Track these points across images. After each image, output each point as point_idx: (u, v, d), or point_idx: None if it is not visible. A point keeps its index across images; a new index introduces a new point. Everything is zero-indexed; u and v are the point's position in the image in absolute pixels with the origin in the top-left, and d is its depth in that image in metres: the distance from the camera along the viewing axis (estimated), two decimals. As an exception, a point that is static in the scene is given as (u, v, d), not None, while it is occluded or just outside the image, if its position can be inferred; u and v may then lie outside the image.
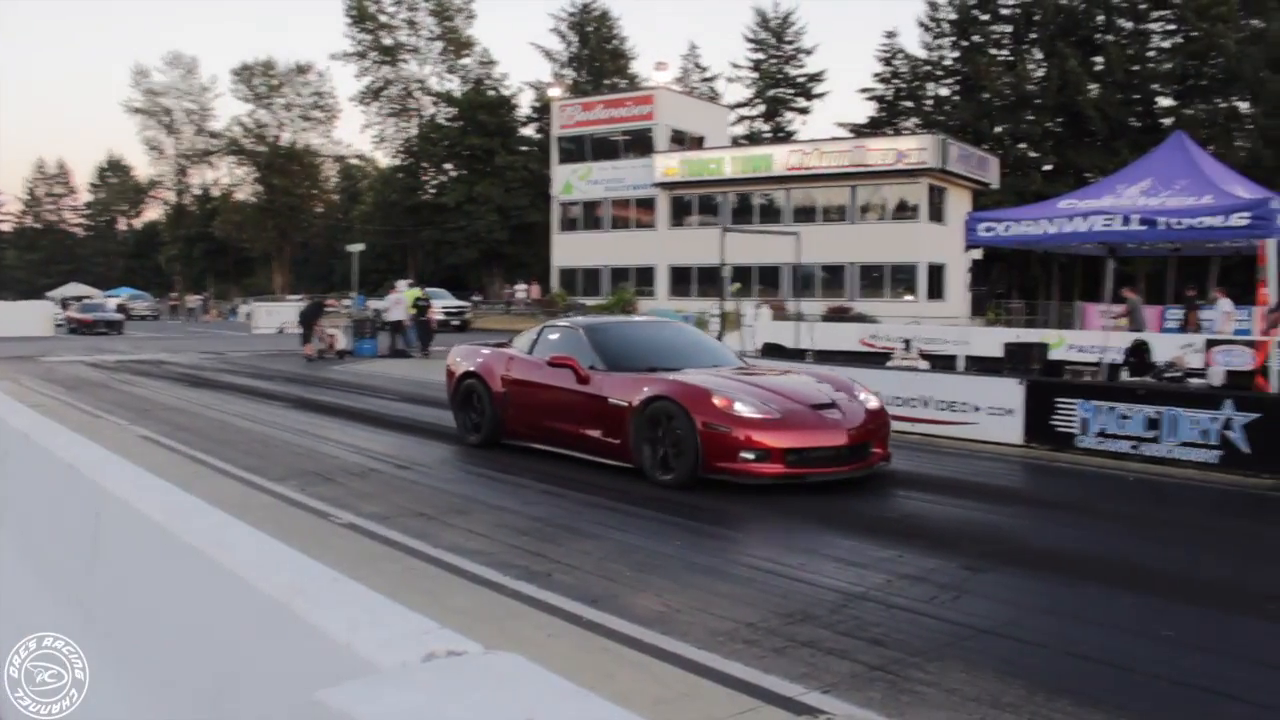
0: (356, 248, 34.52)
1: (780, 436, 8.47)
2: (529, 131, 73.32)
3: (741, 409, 8.56)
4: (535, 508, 8.09)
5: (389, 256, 75.33)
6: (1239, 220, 9.96)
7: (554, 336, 10.66)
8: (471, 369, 11.23)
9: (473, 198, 66.25)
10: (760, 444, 8.41)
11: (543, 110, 67.62)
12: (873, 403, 9.46)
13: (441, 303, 42.14)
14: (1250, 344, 15.17)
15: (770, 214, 46.42)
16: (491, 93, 72.29)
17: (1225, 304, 24.59)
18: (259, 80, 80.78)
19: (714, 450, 8.45)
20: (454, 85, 76.30)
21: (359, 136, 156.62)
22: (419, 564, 6.32)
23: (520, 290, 56.20)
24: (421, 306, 25.71)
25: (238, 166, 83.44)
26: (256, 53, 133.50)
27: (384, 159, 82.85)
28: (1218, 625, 5.39)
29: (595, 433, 9.54)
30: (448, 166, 71.95)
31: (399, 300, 26.78)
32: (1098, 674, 4.61)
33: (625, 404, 9.18)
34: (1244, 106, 56.49)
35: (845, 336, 24.22)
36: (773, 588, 5.92)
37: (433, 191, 72.21)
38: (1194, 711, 4.17)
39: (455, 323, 43.27)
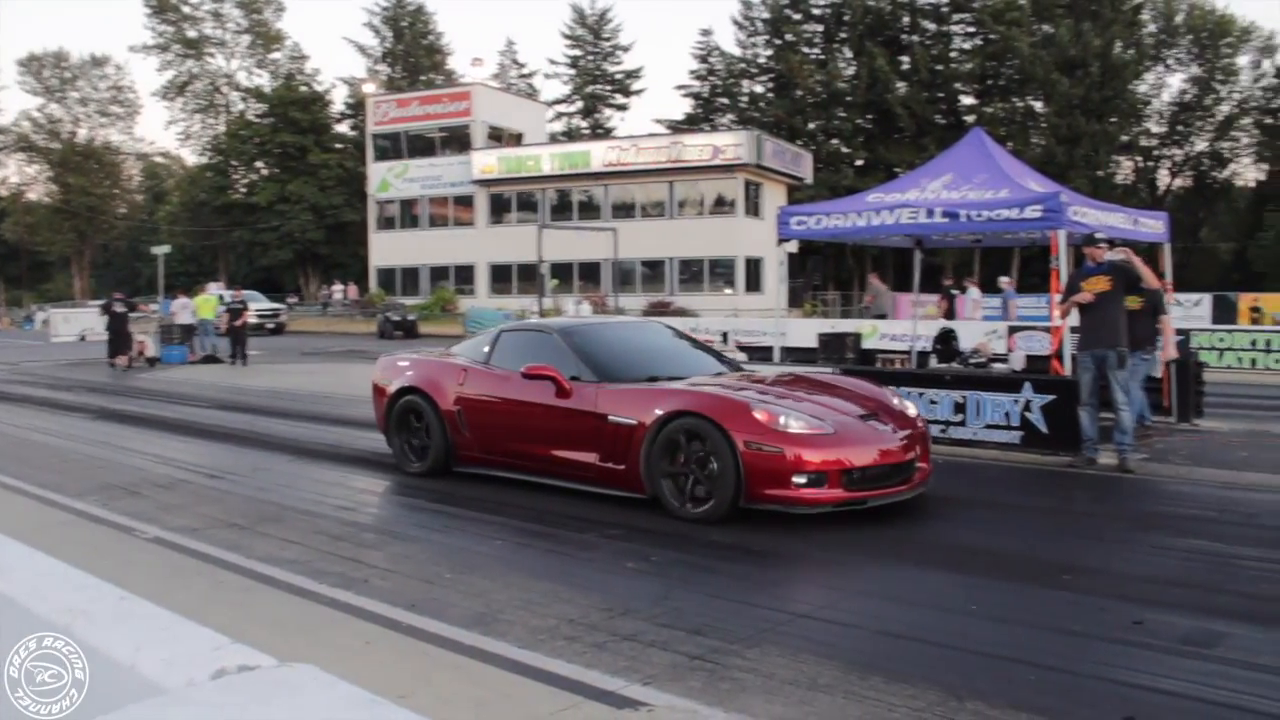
0: (162, 250, 33.19)
1: (837, 454, 7.12)
2: (344, 129, 71.78)
3: (790, 424, 7.17)
4: (352, 513, 7.90)
5: (198, 259, 72.69)
6: (1033, 212, 10.47)
7: (516, 342, 9.10)
8: (411, 384, 9.45)
9: (286, 197, 64.46)
10: (815, 465, 7.02)
11: (357, 107, 66.30)
12: (910, 409, 8.31)
13: (255, 305, 40.85)
14: (1048, 329, 16.01)
15: (589, 210, 46.58)
16: (304, 89, 70.48)
17: (974, 293, 26.52)
18: (49, 72, 76.58)
19: (760, 475, 7.01)
20: (264, 81, 74.24)
21: (163, 133, 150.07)
22: (230, 576, 6.09)
23: (337, 291, 54.92)
24: (235, 310, 24.74)
25: (28, 164, 79.02)
26: (46, 43, 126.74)
27: (191, 157, 79.90)
28: (1017, 597, 5.64)
29: (588, 457, 7.97)
30: (259, 165, 69.80)
31: (185, 304, 25.99)
32: (907, 651, 4.77)
33: (632, 422, 7.64)
34: (1038, 106, 59.49)
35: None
36: (592, 582, 5.93)
37: (243, 191, 69.94)
38: (991, 678, 4.34)
39: (270, 326, 42.00)
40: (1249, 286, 48.29)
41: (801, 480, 7.00)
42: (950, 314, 24.82)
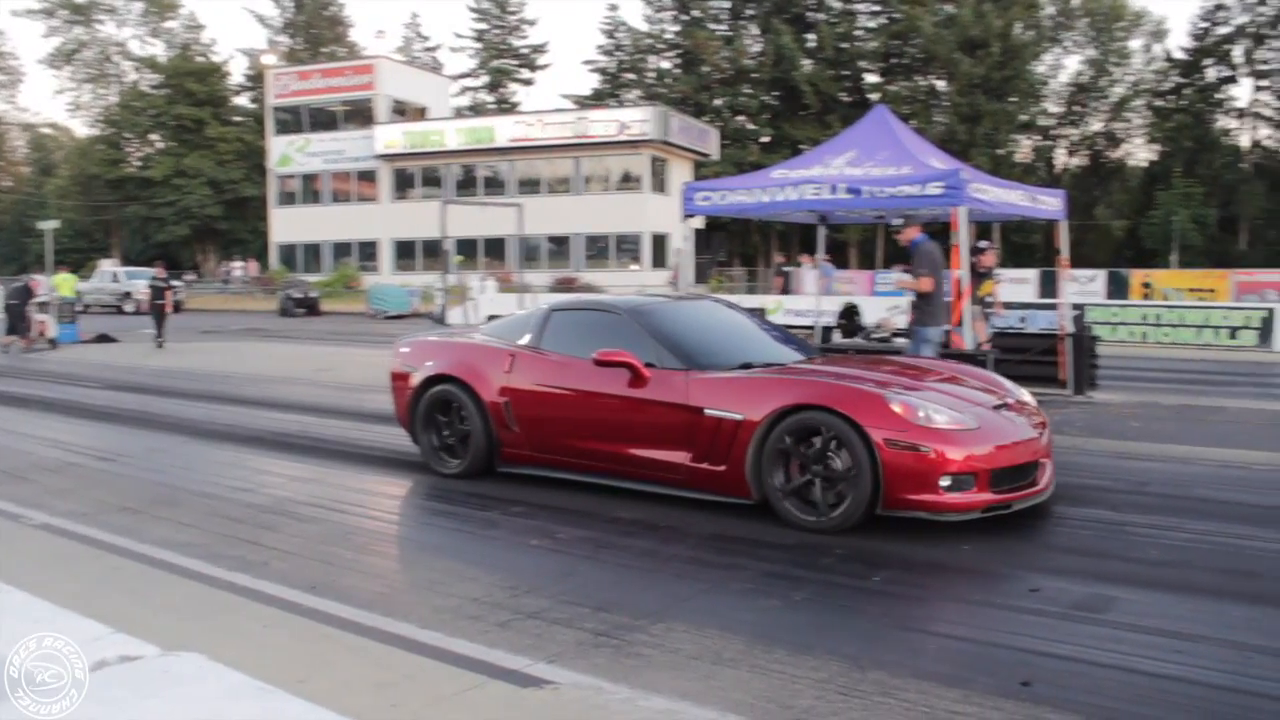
0: (50, 225, 32.05)
1: (983, 451, 6.27)
2: (242, 101, 70.15)
3: (934, 417, 6.27)
4: (251, 494, 7.71)
5: (90, 234, 70.48)
6: (934, 189, 10.59)
7: (572, 324, 7.94)
8: (443, 371, 8.21)
9: (182, 171, 62.83)
10: (962, 465, 6.14)
11: (256, 79, 64.86)
12: (1026, 396, 7.53)
13: (148, 283, 39.86)
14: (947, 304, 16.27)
15: (495, 185, 46.23)
16: (200, 59, 68.68)
17: (809, 269, 27.13)
18: (-80, 37, 73.48)
19: (902, 478, 6.09)
20: (158, 50, 72.01)
21: (50, 103, 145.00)
22: (123, 562, 5.91)
23: (237, 268, 53.77)
24: (158, 288, 23.62)
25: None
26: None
27: (81, 128, 77.30)
28: (917, 568, 5.72)
29: (676, 456, 6.96)
30: (154, 137, 67.92)
31: (42, 282, 25.00)
32: (810, 622, 4.81)
33: (737, 417, 6.64)
34: (941, 85, 60.45)
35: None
36: (498, 561, 5.89)
37: (138, 164, 67.94)
38: (893, 648, 4.40)
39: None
40: (1141, 263, 49.78)
41: (946, 482, 6.11)
42: (786, 290, 25.27)
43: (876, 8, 62.22)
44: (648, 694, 3.98)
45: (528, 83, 72.77)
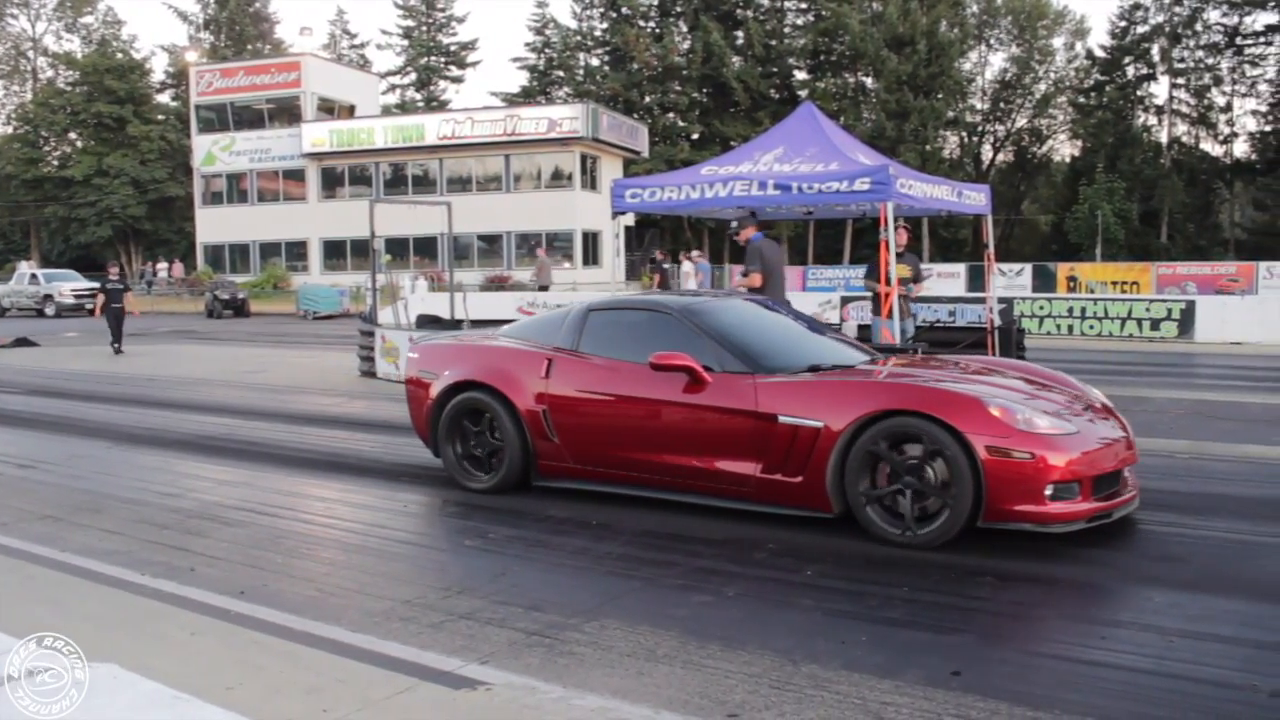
0: (-35, 226, 31.29)
1: (1086, 457, 5.88)
2: (165, 99, 68.86)
3: (1036, 421, 5.87)
4: (178, 499, 7.56)
5: (7, 235, 68.82)
6: (862, 185, 10.69)
7: (615, 324, 7.40)
8: (470, 377, 7.57)
9: (104, 170, 61.48)
10: (1066, 472, 5.73)
11: (179, 76, 63.81)
12: (1100, 395, 7.13)
13: (70, 285, 39.09)
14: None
15: (425, 184, 45.90)
16: (120, 55, 67.15)
17: (688, 266, 27.49)
18: None
19: (1007, 487, 5.66)
20: (75, 46, 70.43)
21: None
22: (43, 571, 5.76)
23: (162, 269, 52.77)
24: (114, 291, 22.02)
25: None
26: None
27: (-6, 127, 75.35)
28: (843, 558, 5.76)
29: (744, 467, 6.43)
30: (72, 136, 66.36)
31: None
32: (744, 617, 4.82)
33: (817, 425, 6.13)
34: (869, 82, 61.10)
35: (503, 305, 24.42)
36: (430, 562, 5.84)
37: (56, 163, 66.35)
38: (826, 641, 4.43)
39: (89, 307, 40.07)
40: (1066, 257, 50.74)
41: (1050, 491, 5.69)
42: (664, 286, 25.48)
43: (804, 5, 62.82)
44: (581, 692, 3.97)
45: (457, 80, 72.44)
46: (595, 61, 65.88)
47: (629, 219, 42.53)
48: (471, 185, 45.29)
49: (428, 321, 16.19)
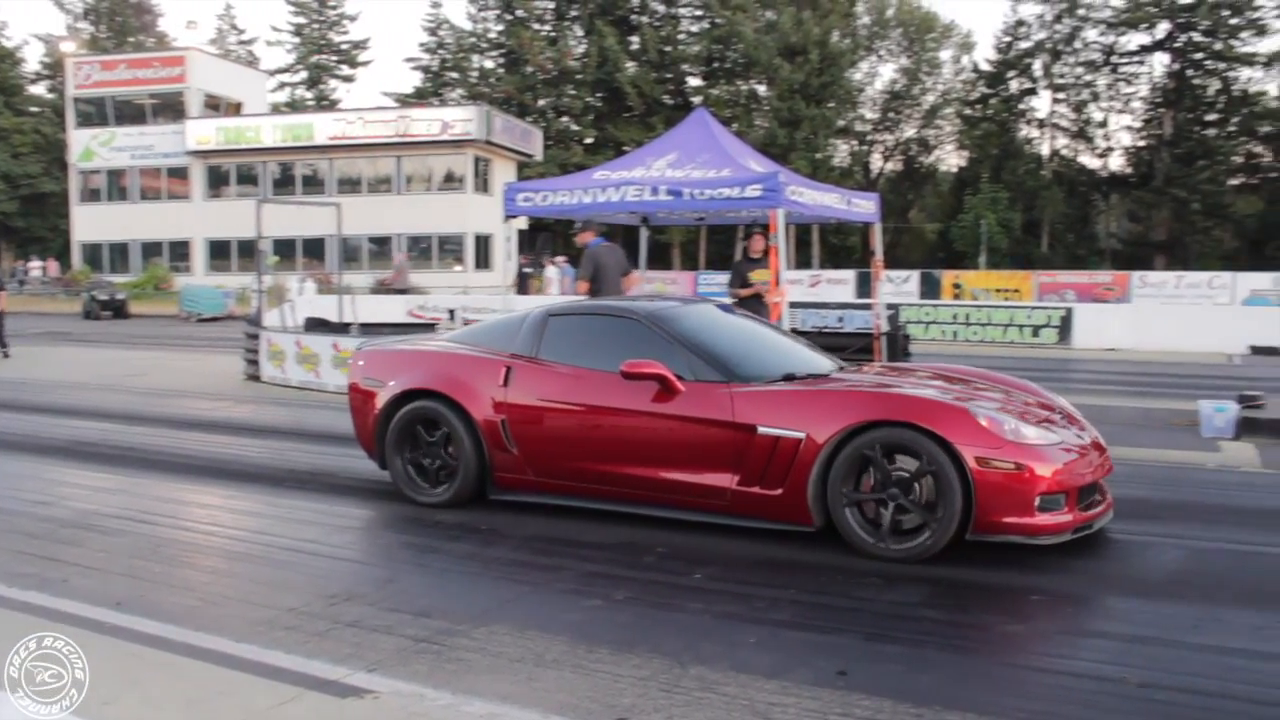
0: None
1: (1071, 468, 5.82)
2: (39, 90, 66.47)
3: (1024, 431, 5.82)
4: (49, 507, 7.29)
5: None
6: (753, 191, 10.81)
7: (577, 330, 7.11)
8: (421, 385, 7.19)
9: (-27, 164, 59.13)
10: (1053, 483, 5.66)
11: (55, 68, 61.66)
12: (1068, 405, 7.10)
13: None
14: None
15: (314, 184, 45.13)
16: (-10, 44, 64.68)
17: (553, 271, 27.87)
18: None
19: (998, 499, 5.57)
20: (-59, 35, 67.57)
21: None
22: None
23: (35, 268, 50.88)
24: None
25: None
26: None
27: None
28: (735, 561, 5.81)
29: (720, 480, 6.20)
30: (-61, 128, 63.66)
31: None
32: (634, 620, 4.85)
33: (798, 436, 5.95)
34: (762, 90, 61.84)
35: (393, 308, 24.14)
36: (315, 569, 5.74)
37: (-80, 157, 63.56)
38: (715, 643, 4.46)
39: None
40: (951, 264, 51.92)
41: (1038, 503, 5.62)
42: (524, 292, 25.69)
43: (699, 12, 63.25)
44: (469, 698, 3.95)
45: (348, 80, 71.44)
46: (489, 63, 65.49)
47: (522, 222, 42.37)
48: (362, 186, 44.68)
49: (316, 324, 15.94)
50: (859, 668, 4.23)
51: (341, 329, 15.83)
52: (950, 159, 72.80)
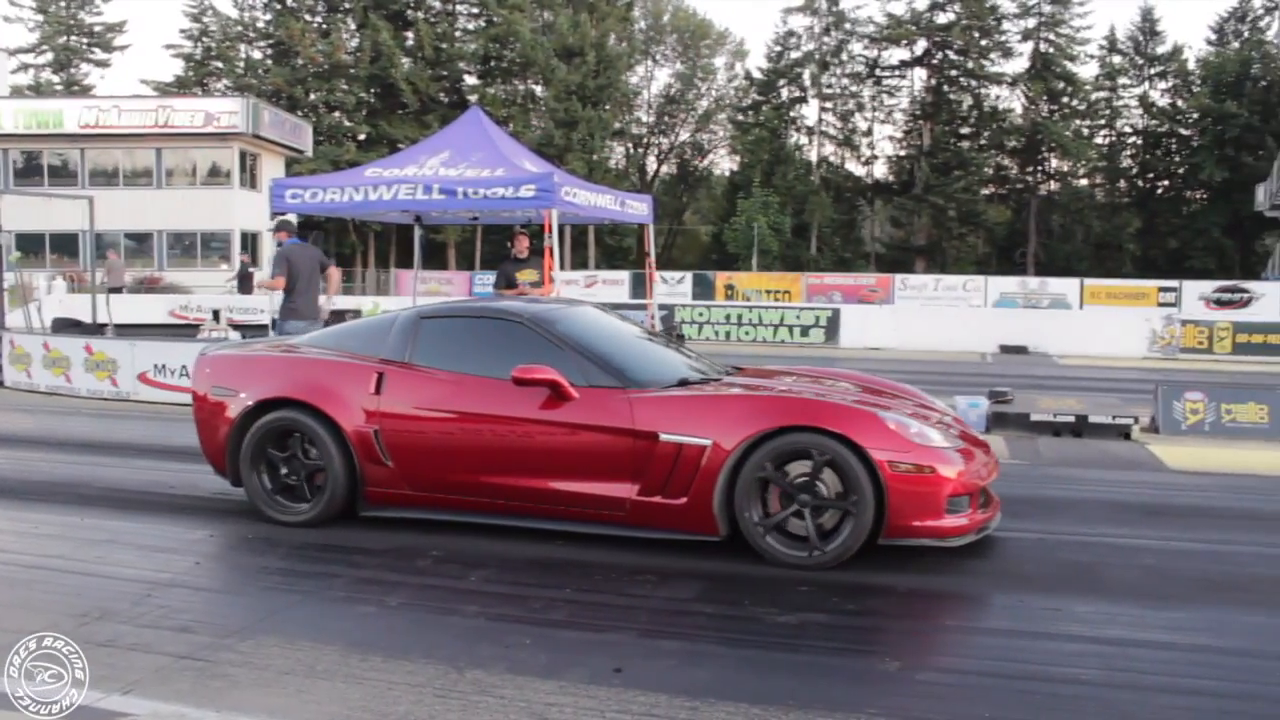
0: None
1: (972, 470, 5.85)
2: None
3: (930, 434, 5.82)
4: None
5: None
6: (527, 191, 10.84)
7: (452, 333, 6.73)
8: (281, 393, 6.62)
9: None
10: (956, 485, 5.67)
11: None
12: (945, 408, 7.12)
13: None
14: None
15: (64, 175, 42.40)
16: None
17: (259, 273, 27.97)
18: None
19: (909, 503, 5.54)
20: None
21: None
22: None
23: None
24: None
25: None
26: None
27: None
28: (508, 564, 5.79)
29: (619, 490, 5.94)
30: None
31: None
32: (408, 626, 4.78)
33: (704, 443, 5.72)
34: (539, 90, 61.92)
35: (153, 308, 23.08)
36: (63, 587, 5.37)
37: None
38: (491, 645, 4.42)
39: None
40: (724, 266, 53.25)
41: (946, 505, 5.63)
42: (245, 291, 25.52)
43: (476, 10, 62.80)
44: (235, 715, 3.80)
45: (102, 65, 67.45)
46: (257, 54, 63.09)
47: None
48: (119, 179, 42.28)
49: (65, 325, 15.05)
50: (635, 664, 4.28)
51: (96, 330, 14.97)
52: (723, 163, 74.85)
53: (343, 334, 7.29)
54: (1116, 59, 64.07)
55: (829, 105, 66.51)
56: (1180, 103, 62.54)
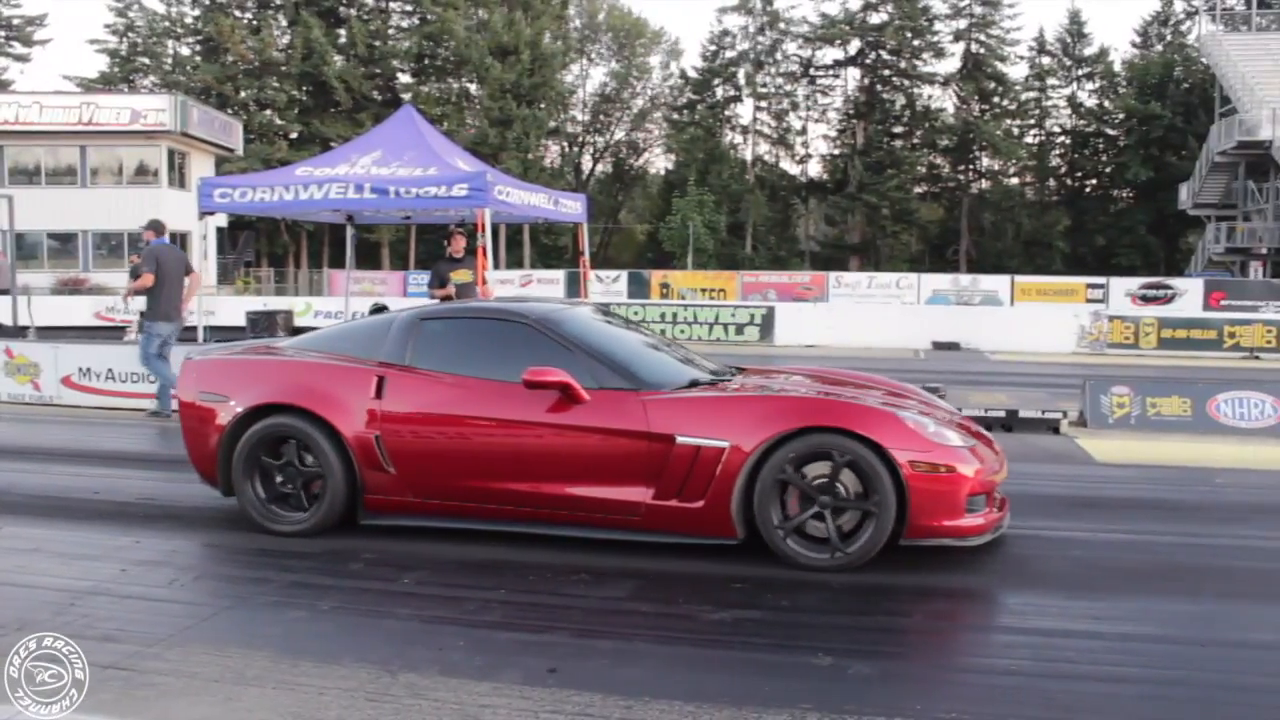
0: None
1: (988, 469, 5.82)
2: None
3: (945, 434, 5.77)
4: None
5: None
6: (459, 190, 10.78)
7: (453, 335, 6.57)
8: (276, 399, 6.40)
9: None
10: (974, 485, 5.64)
11: None
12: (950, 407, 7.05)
13: None
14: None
15: (-18, 174, 41.47)
16: None
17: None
18: None
19: (931, 502, 5.50)
20: None
21: None
22: None
23: None
24: None
25: None
26: None
27: None
28: (444, 566, 5.75)
29: (634, 494, 5.80)
30: None
31: None
32: (340, 630, 4.72)
33: (723, 445, 5.63)
34: (474, 89, 61.65)
35: (77, 311, 22.62)
36: (-17, 596, 5.24)
37: None
38: (424, 648, 4.39)
39: None
40: (660, 265, 53.44)
41: (965, 504, 5.60)
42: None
43: (409, 8, 62.41)
44: (162, 725, 3.71)
45: (22, 59, 65.80)
46: (185, 50, 62.15)
47: (221, 219, 40.50)
48: (41, 177, 41.43)
49: (-16, 328, 14.71)
50: (569, 665, 4.26)
51: (17, 333, 14.64)
52: (659, 162, 75.07)
53: (334, 337, 7.07)
54: (1045, 60, 65.31)
55: (764, 104, 67.01)
56: (1107, 104, 63.90)
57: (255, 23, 60.49)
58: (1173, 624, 4.90)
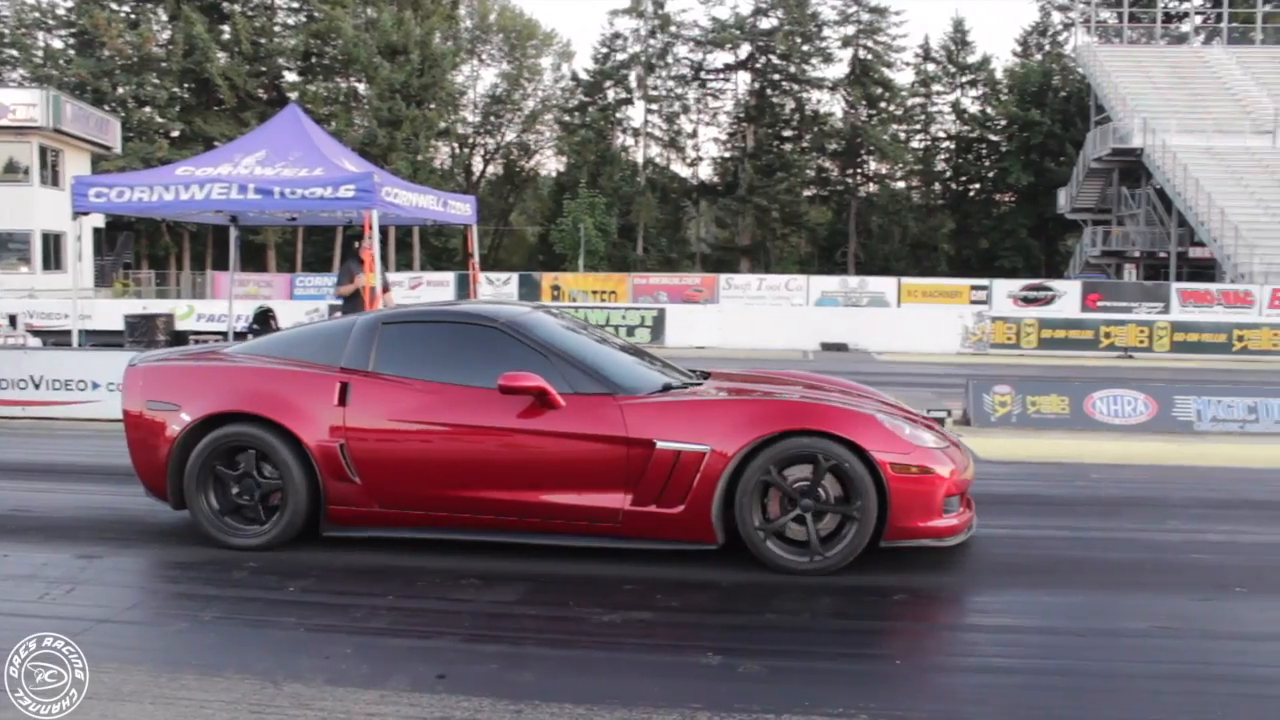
0: None
1: (962, 470, 5.85)
2: None
3: (921, 435, 5.80)
4: None
5: None
6: (346, 192, 10.64)
7: (418, 339, 6.34)
8: (234, 406, 6.14)
9: None
10: (950, 486, 5.67)
11: None
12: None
13: None
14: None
15: None
16: None
17: None
18: None
19: (911, 504, 5.52)
20: None
21: None
22: None
23: None
24: None
25: None
26: None
27: None
28: (331, 573, 5.66)
29: (611, 500, 5.70)
30: None
31: None
32: (223, 640, 4.62)
33: (703, 449, 5.56)
34: (362, 88, 60.83)
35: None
36: None
37: None
38: (310, 657, 4.31)
39: None
40: (551, 267, 53.39)
41: (942, 505, 5.63)
42: None
43: (296, 5, 61.32)
44: (30, 744, 3.59)
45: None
46: (58, 43, 60.05)
47: (98, 220, 39.24)
48: (-95, 175, 39.73)
49: None
50: (458, 670, 4.23)
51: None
52: (550, 164, 74.90)
53: (288, 342, 6.81)
54: (931, 67, 66.85)
55: (655, 107, 67.30)
56: (989, 110, 65.64)
57: (133, 16, 58.74)
58: (1052, 615, 5.06)
